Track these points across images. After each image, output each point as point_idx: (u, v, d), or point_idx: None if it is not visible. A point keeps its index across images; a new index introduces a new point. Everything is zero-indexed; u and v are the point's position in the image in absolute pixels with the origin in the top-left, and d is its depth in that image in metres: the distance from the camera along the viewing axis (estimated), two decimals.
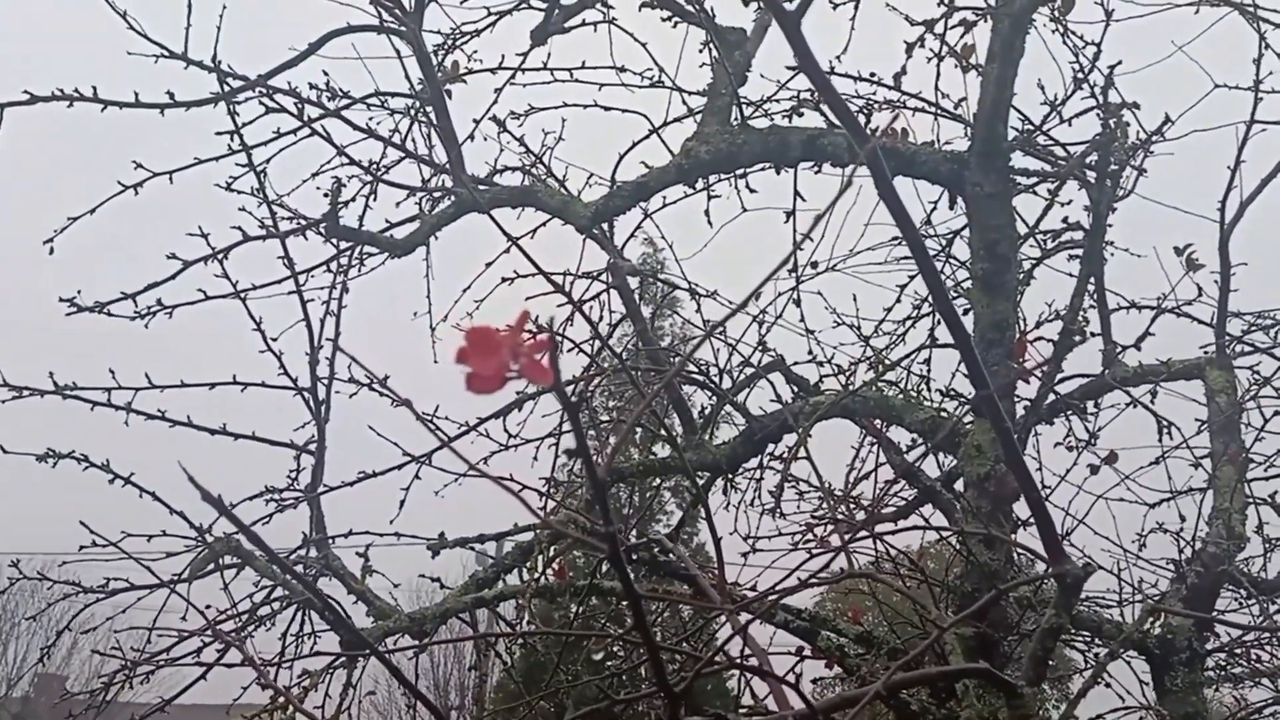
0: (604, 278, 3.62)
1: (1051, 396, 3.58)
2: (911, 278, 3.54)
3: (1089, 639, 3.34)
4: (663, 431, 3.50)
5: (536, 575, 2.82)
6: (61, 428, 2.90)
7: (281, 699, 2.80)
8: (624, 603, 4.00)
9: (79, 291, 2.77)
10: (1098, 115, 3.08)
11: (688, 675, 1.27)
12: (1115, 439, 3.55)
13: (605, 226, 3.45)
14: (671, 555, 2.40)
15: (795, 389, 3.73)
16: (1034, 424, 3.52)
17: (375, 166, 2.97)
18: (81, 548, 2.52)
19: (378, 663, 4.58)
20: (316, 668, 2.91)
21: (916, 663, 2.39)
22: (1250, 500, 3.47)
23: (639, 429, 3.54)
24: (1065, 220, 3.44)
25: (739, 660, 1.19)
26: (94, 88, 2.67)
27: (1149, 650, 3.15)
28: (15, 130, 2.50)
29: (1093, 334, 3.69)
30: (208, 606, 2.85)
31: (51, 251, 2.69)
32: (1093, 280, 3.62)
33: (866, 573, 2.41)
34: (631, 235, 3.82)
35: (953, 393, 3.14)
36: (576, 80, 3.21)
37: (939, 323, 3.30)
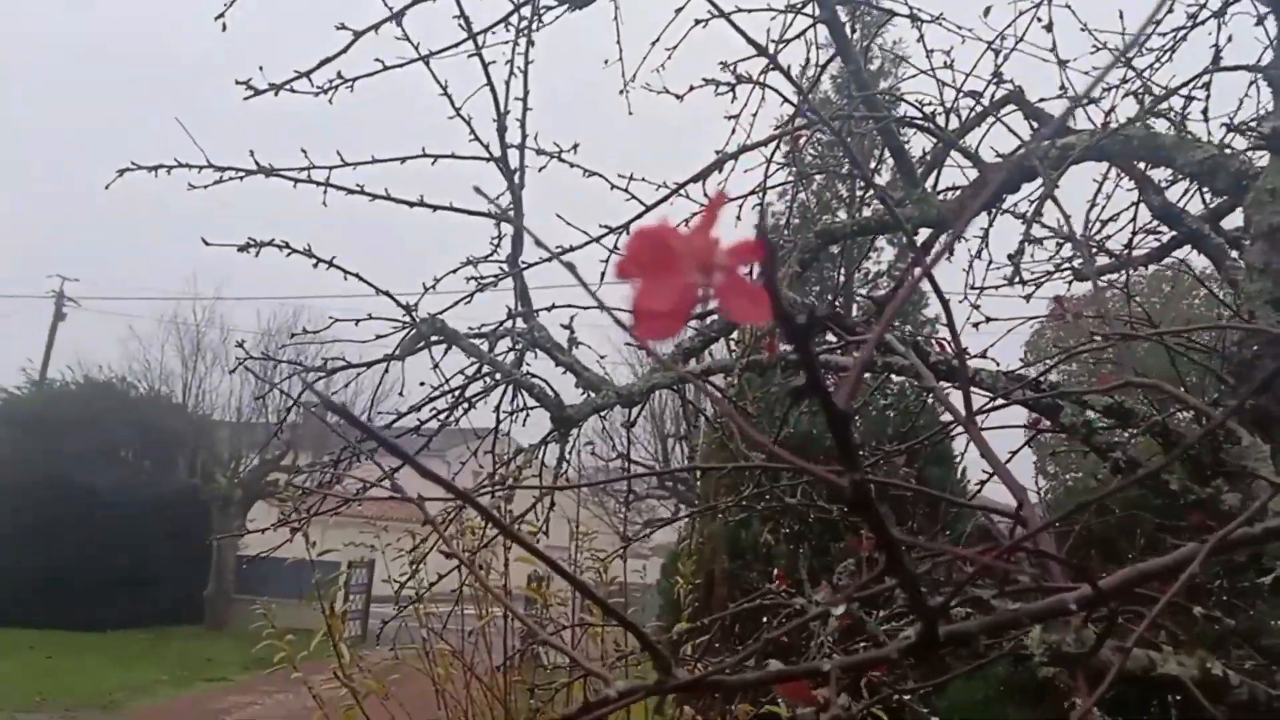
0: (810, 9, 3.19)
1: None
2: None
3: None
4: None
5: (746, 348, 2.66)
6: (251, 224, 2.88)
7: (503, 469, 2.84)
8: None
9: (260, 68, 2.66)
10: None
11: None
12: None
13: None
14: (895, 345, 2.16)
15: (1036, 127, 3.26)
16: None
17: None
18: (293, 335, 2.54)
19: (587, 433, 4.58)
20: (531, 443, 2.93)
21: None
22: None
23: (849, 182, 3.20)
24: None
25: (1005, 554, 0.97)
26: None
27: None
28: None
29: None
30: (421, 384, 2.88)
31: (224, 28, 2.57)
32: None
33: (1125, 333, 2.08)
34: None
35: (1243, 126, 2.60)
36: None
37: (1229, 38, 2.70)
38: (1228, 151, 2.45)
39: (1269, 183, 2.30)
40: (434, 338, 2.75)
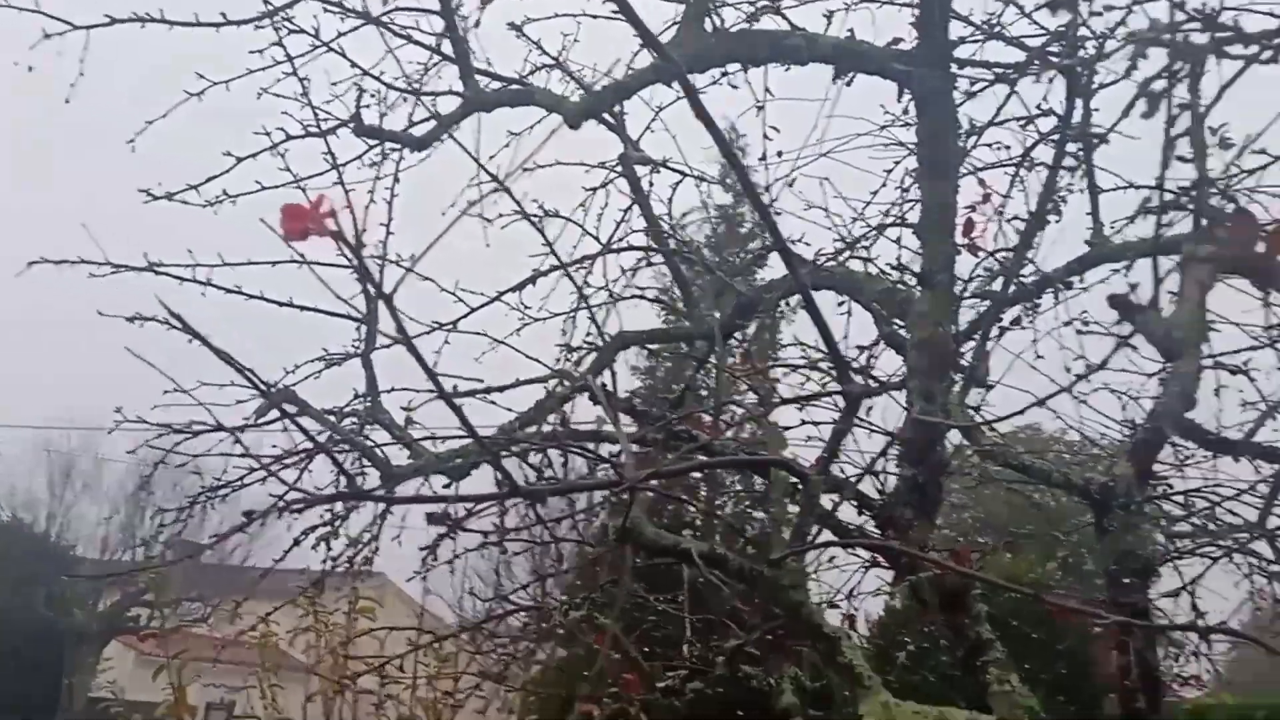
0: (616, 166, 4.02)
1: (1035, 276, 3.88)
2: (896, 163, 3.85)
3: (1038, 486, 3.73)
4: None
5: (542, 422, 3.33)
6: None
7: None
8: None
9: (159, 183, 3.33)
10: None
11: None
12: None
13: (614, 118, 3.85)
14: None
15: (792, 268, 4.10)
16: (1016, 300, 3.84)
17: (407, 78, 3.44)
18: (166, 392, 3.11)
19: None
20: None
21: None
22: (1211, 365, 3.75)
23: (647, 302, 3.98)
24: (1039, 106, 3.68)
25: None
26: (160, 10, 3.17)
27: (1091, 495, 3.53)
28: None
29: (1087, 214, 3.97)
30: (274, 446, 3.45)
31: (134, 150, 3.24)
32: (1084, 162, 3.87)
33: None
34: (646, 129, 4.18)
35: (904, 267, 3.49)
36: None
37: (914, 205, 3.62)
38: (899, 286, 3.30)
39: (920, 308, 3.14)
40: (285, 405, 3.34)
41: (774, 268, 4.08)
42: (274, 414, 3.45)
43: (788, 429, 4.21)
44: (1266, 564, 3.91)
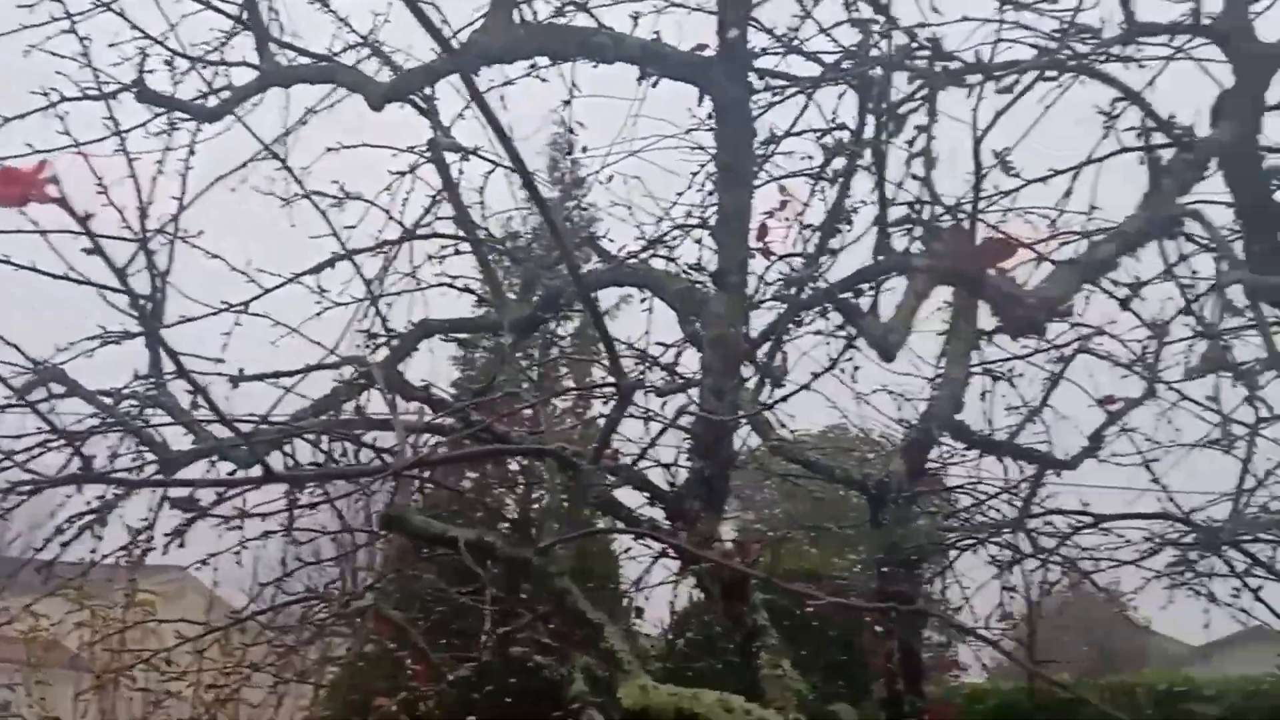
0: (425, 152, 3.96)
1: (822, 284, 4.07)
2: (702, 166, 3.96)
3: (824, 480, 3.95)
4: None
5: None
6: None
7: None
8: None
9: None
10: (851, 25, 3.47)
11: None
12: None
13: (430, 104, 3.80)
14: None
15: (602, 260, 4.16)
16: (810, 304, 4.02)
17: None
18: None
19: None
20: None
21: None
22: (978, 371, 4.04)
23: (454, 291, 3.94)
24: (832, 120, 3.86)
25: None
26: None
27: (867, 490, 3.74)
28: None
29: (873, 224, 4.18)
30: (38, 429, 3.22)
31: None
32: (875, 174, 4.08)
33: None
34: (459, 115, 4.14)
35: (702, 268, 3.60)
36: None
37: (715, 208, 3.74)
38: (697, 286, 3.41)
39: (714, 308, 3.25)
40: (53, 385, 3.13)
41: (587, 261, 4.10)
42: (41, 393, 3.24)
43: (593, 420, 4.29)
44: (1024, 556, 4.26)
